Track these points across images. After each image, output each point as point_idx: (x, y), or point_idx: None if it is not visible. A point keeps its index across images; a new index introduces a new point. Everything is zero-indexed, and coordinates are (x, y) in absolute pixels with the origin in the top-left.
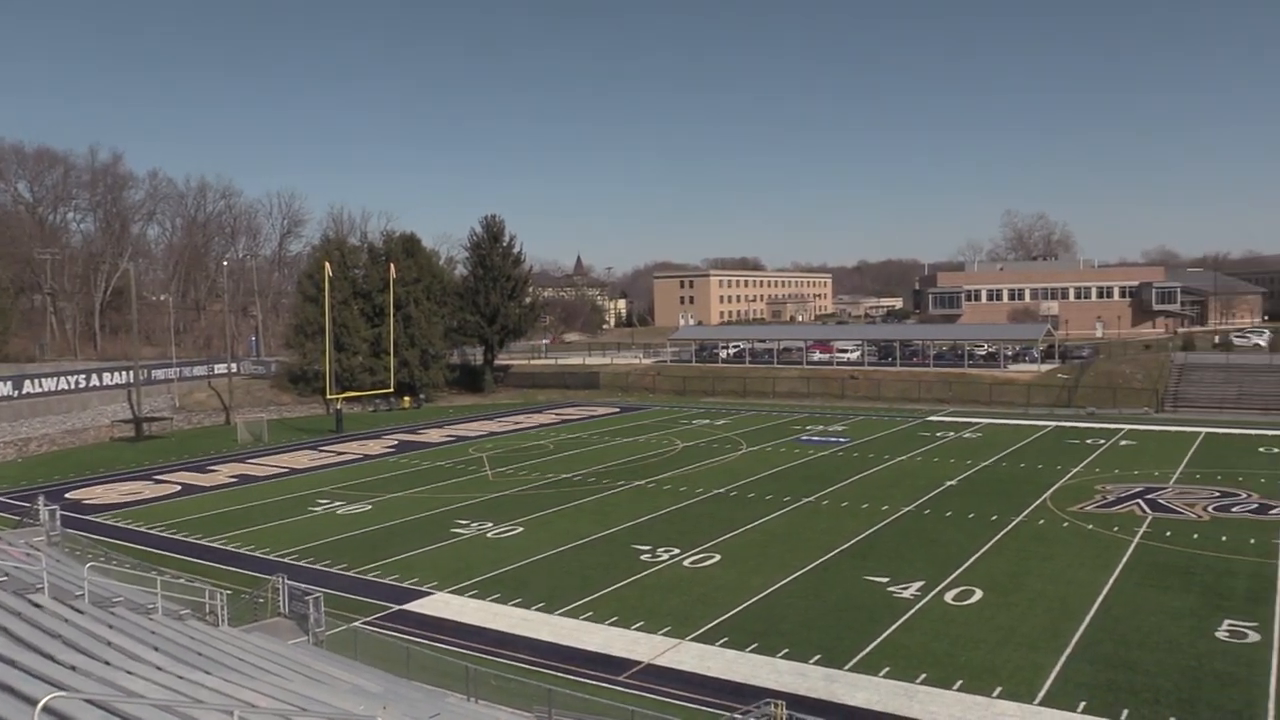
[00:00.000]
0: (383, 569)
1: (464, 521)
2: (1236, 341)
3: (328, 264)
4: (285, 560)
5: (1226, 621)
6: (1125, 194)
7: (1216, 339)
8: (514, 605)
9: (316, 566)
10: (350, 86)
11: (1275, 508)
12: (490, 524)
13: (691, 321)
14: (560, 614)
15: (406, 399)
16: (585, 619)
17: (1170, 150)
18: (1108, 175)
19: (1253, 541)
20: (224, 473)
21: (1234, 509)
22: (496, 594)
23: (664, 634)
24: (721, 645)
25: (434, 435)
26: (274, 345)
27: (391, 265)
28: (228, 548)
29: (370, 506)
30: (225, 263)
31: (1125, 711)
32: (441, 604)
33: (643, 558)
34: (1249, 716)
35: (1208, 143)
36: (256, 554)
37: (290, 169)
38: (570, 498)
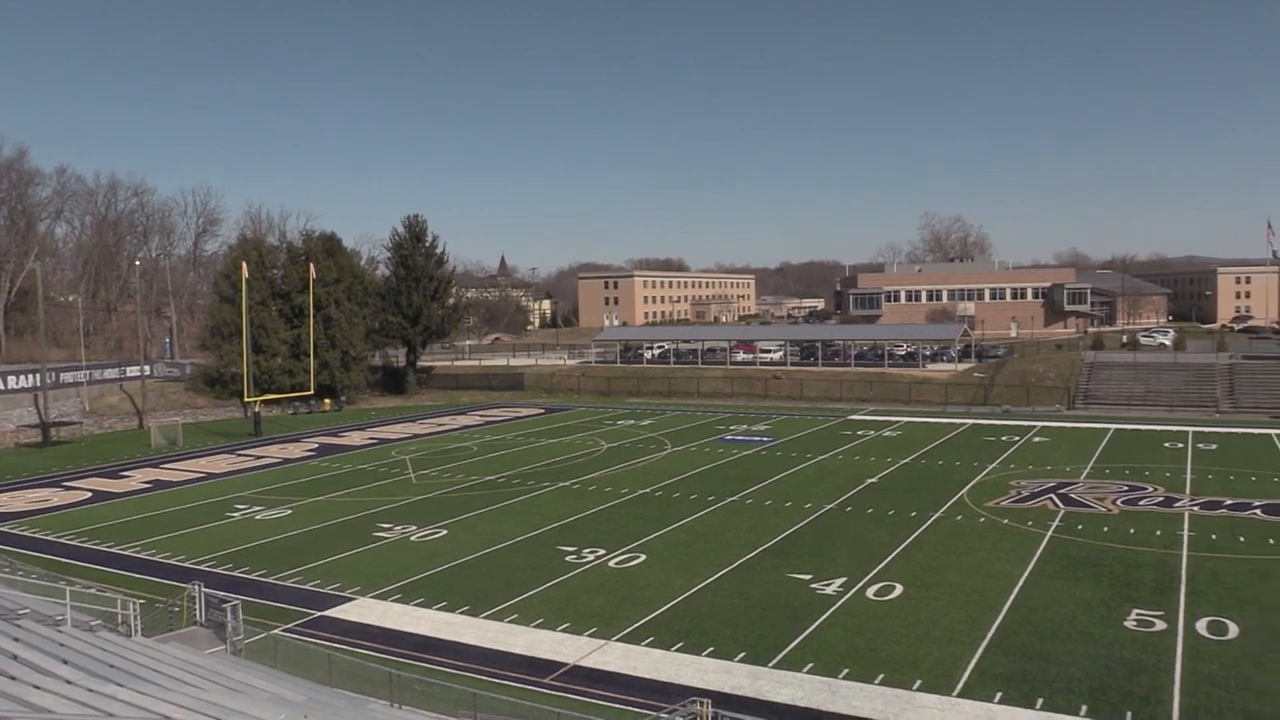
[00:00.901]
0: (304, 575)
1: (387, 525)
2: (1143, 341)
3: (245, 264)
4: (202, 568)
5: (1135, 611)
6: (1038, 197)
7: (1124, 338)
8: (438, 609)
9: (235, 573)
10: (269, 83)
11: (1180, 501)
12: (414, 527)
13: (616, 322)
14: (485, 617)
15: (327, 401)
16: (511, 621)
17: (1080, 155)
18: (1021, 179)
19: (1159, 533)
20: (137, 478)
21: (1141, 502)
22: (420, 598)
23: (590, 635)
24: (647, 645)
25: (355, 438)
26: (189, 347)
27: (311, 265)
28: (141, 555)
29: (290, 511)
30: (137, 262)
31: (1040, 700)
32: (364, 609)
33: (568, 559)
34: (1156, 702)
35: (1116, 148)
36: (172, 562)
37: (206, 167)
38: (495, 499)
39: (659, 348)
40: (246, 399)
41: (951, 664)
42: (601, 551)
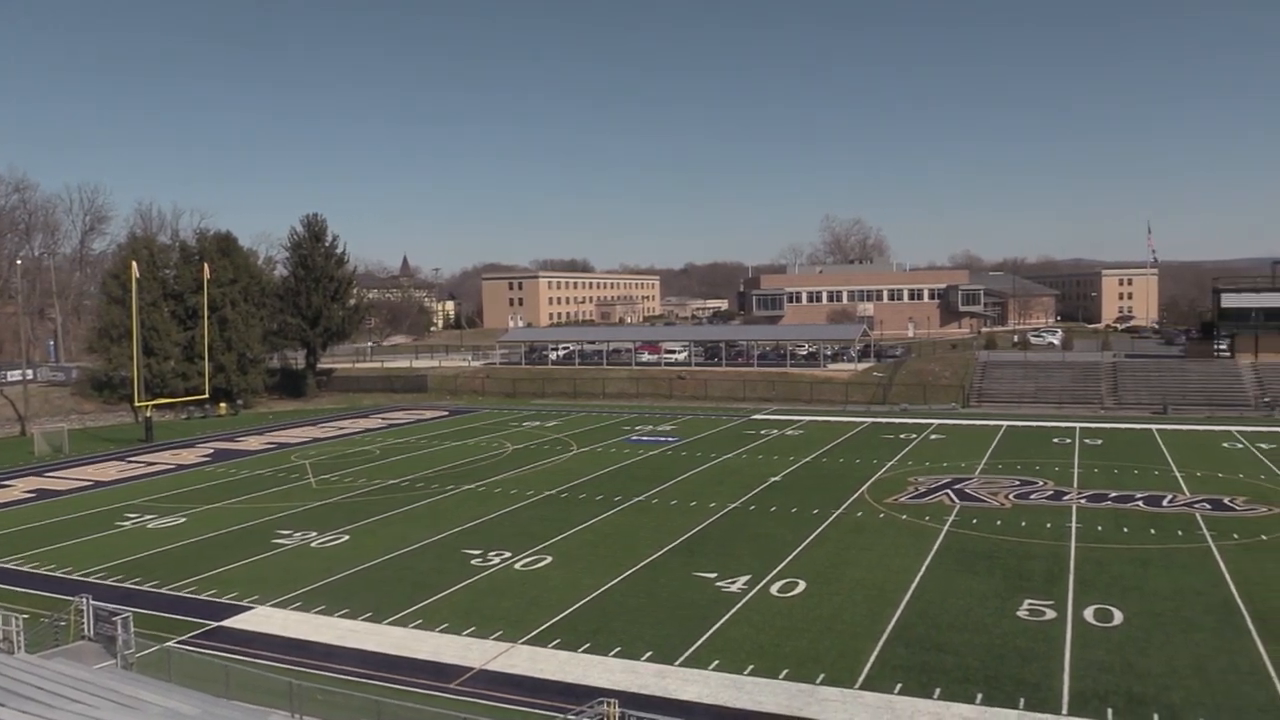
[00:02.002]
0: (199, 584)
1: (286, 532)
2: (1033, 340)
3: (135, 263)
4: (90, 580)
5: (1027, 601)
6: (934, 201)
7: (1015, 338)
8: (340, 616)
9: (125, 585)
10: (162, 79)
11: (1068, 494)
12: (314, 533)
13: (521, 323)
14: (389, 623)
15: (223, 405)
16: (415, 627)
17: (973, 159)
18: (918, 183)
19: (1049, 526)
20: (19, 487)
21: (1032, 496)
22: (321, 605)
23: (496, 638)
24: (554, 647)
25: (253, 443)
26: (75, 350)
27: (206, 265)
28: (25, 568)
29: (184, 519)
30: (19, 261)
31: (937, 690)
32: (263, 618)
33: (474, 562)
34: (1047, 688)
35: (1006, 154)
36: (58, 574)
37: (93, 163)
38: (398, 503)
39: (564, 349)
40: (137, 403)
41: (853, 657)
42: (507, 554)
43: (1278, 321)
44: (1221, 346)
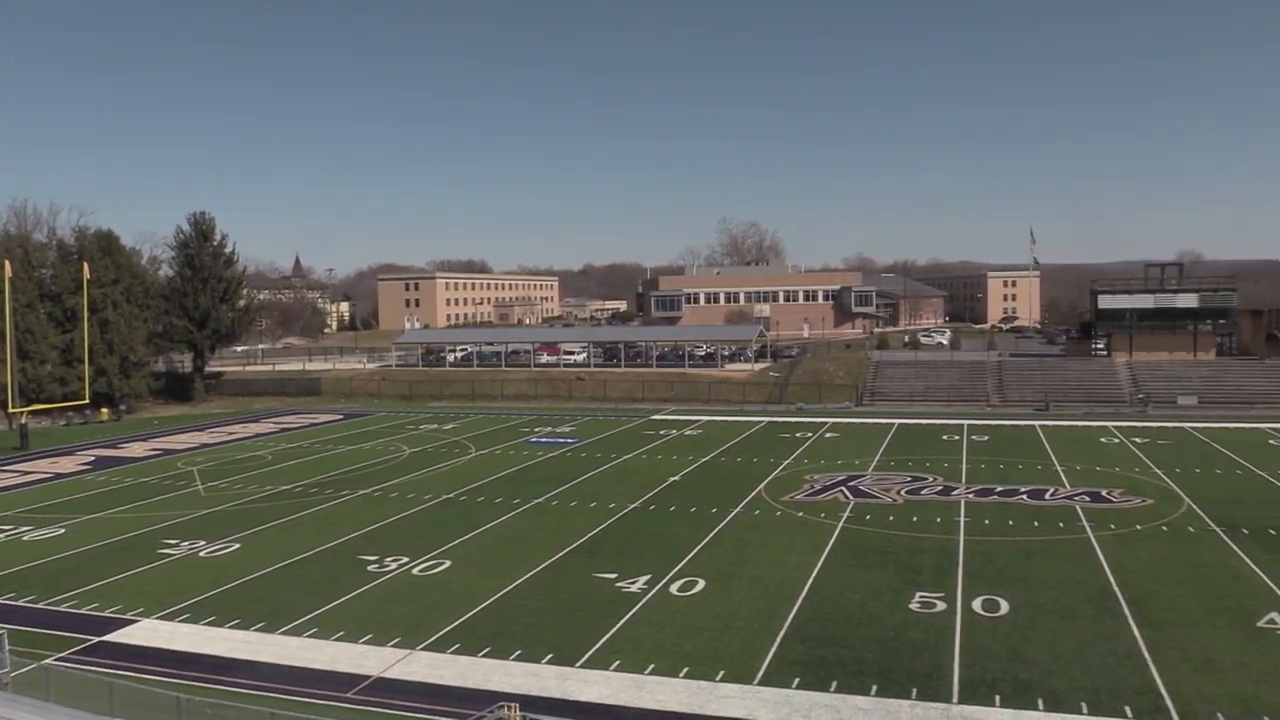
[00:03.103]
0: (79, 598)
1: (173, 541)
2: (923, 340)
3: (8, 262)
4: None
5: (918, 594)
6: (828, 204)
7: (906, 338)
8: (231, 627)
9: None
10: (35, 70)
11: (956, 489)
12: (203, 542)
13: (417, 325)
14: (283, 633)
15: (104, 411)
16: (310, 636)
17: (865, 163)
18: (813, 186)
19: (939, 520)
20: None
21: (923, 492)
22: (212, 616)
23: (394, 645)
24: (454, 652)
25: (137, 449)
26: None
27: (85, 265)
28: None
29: (63, 530)
30: None
31: (834, 683)
32: (149, 632)
33: (370, 568)
34: (938, 678)
35: (897, 158)
36: None
37: None
38: (291, 509)
39: (462, 350)
40: (11, 410)
41: (752, 654)
42: (405, 559)
43: (1150, 322)
44: (1099, 346)
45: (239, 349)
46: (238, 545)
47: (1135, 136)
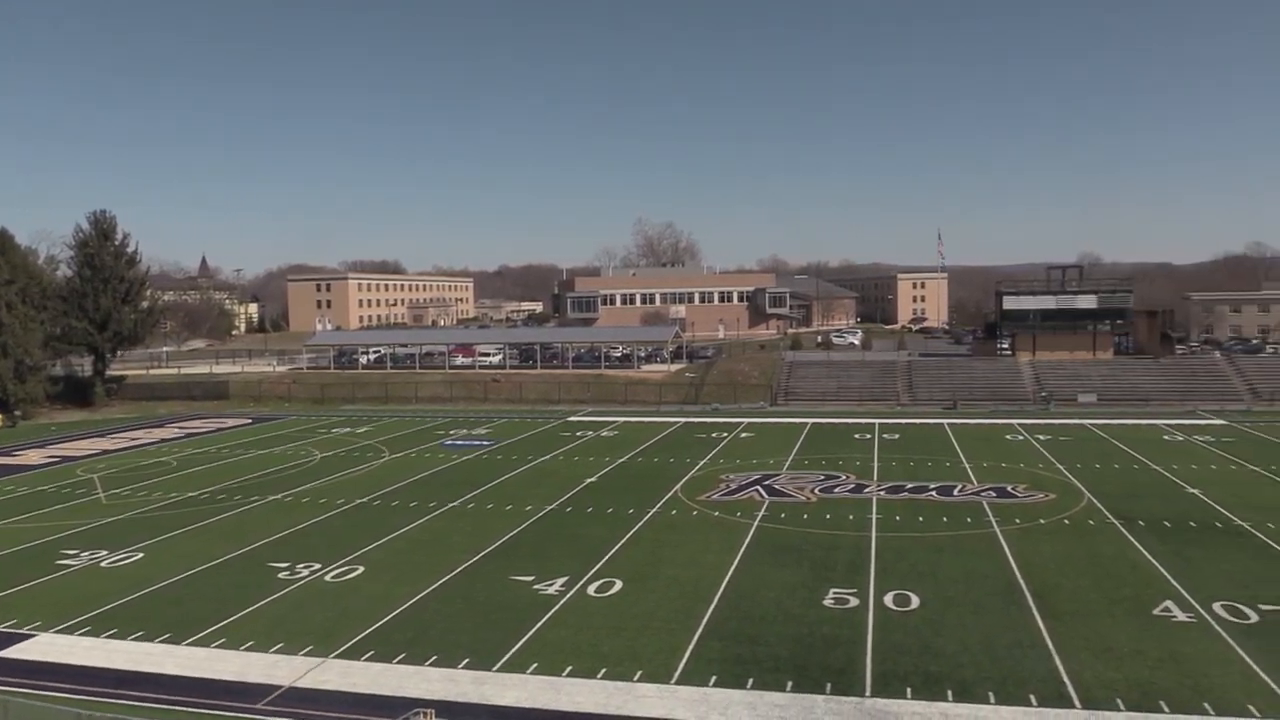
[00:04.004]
0: None
1: (72, 551)
2: (835, 341)
3: None
4: None
5: (832, 590)
6: (743, 205)
7: (819, 339)
8: (135, 640)
9: None
10: None
11: (869, 487)
12: (105, 552)
13: (329, 326)
14: (190, 644)
15: None
16: (218, 646)
17: (778, 164)
18: (727, 187)
19: (851, 518)
20: None
21: (836, 490)
22: (114, 629)
23: (306, 654)
24: (368, 659)
25: (33, 456)
26: None
27: None
28: None
29: None
30: None
31: (751, 680)
32: (48, 646)
33: (281, 575)
34: (851, 672)
35: (809, 159)
36: None
37: None
38: (198, 517)
39: (375, 352)
40: None
41: (669, 653)
42: (317, 566)
43: (1052, 322)
44: (1004, 346)
45: (142, 352)
46: (141, 554)
47: (1037, 140)
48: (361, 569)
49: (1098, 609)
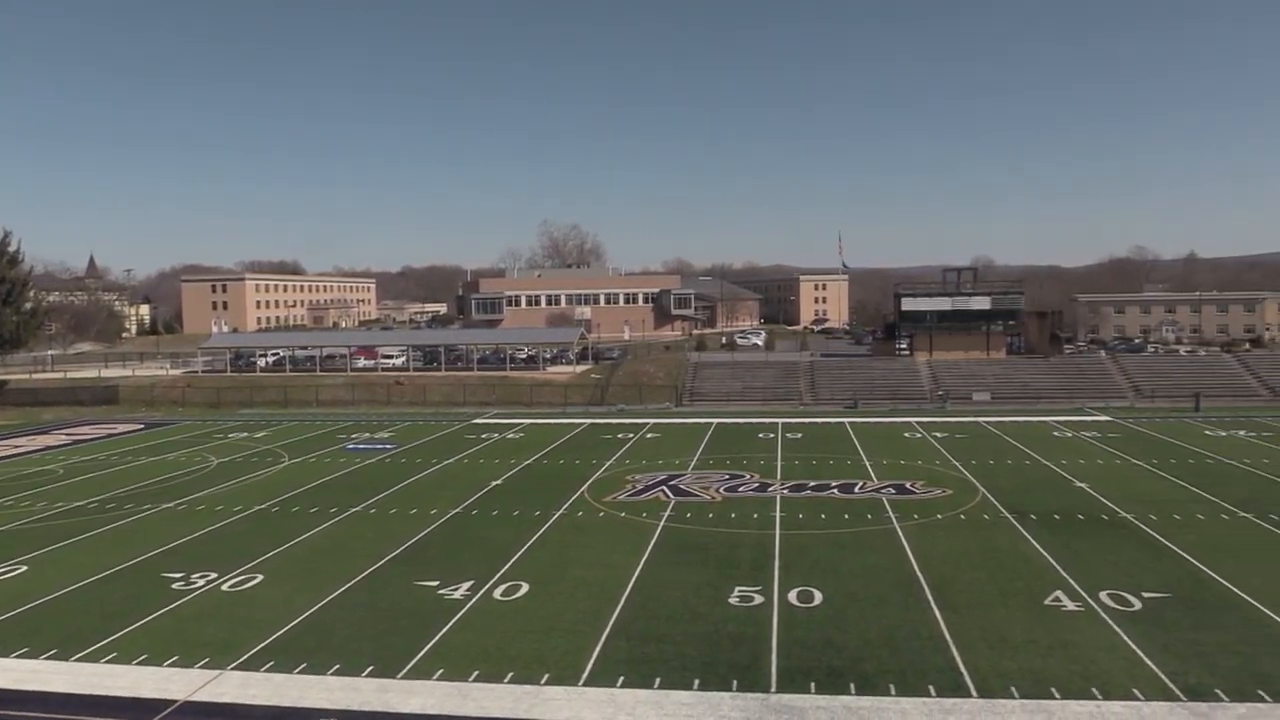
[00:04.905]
0: None
1: None
2: (739, 342)
3: None
4: None
5: (737, 589)
6: (647, 207)
7: (724, 340)
8: (19, 657)
9: None
10: None
11: (772, 486)
12: None
13: (225, 329)
14: (78, 659)
15: None
16: (109, 661)
17: (684, 166)
18: (632, 189)
19: (755, 517)
20: None
21: (740, 489)
22: None
23: (202, 666)
24: (267, 670)
25: None
26: None
27: None
28: None
29: None
30: None
31: (657, 680)
32: None
33: (175, 586)
34: (757, 669)
35: (713, 161)
36: None
37: None
38: (86, 527)
39: (274, 355)
40: None
41: (577, 655)
42: (213, 575)
43: (948, 323)
44: (902, 346)
45: (26, 355)
46: (25, 568)
47: (933, 145)
48: (260, 577)
49: (992, 600)
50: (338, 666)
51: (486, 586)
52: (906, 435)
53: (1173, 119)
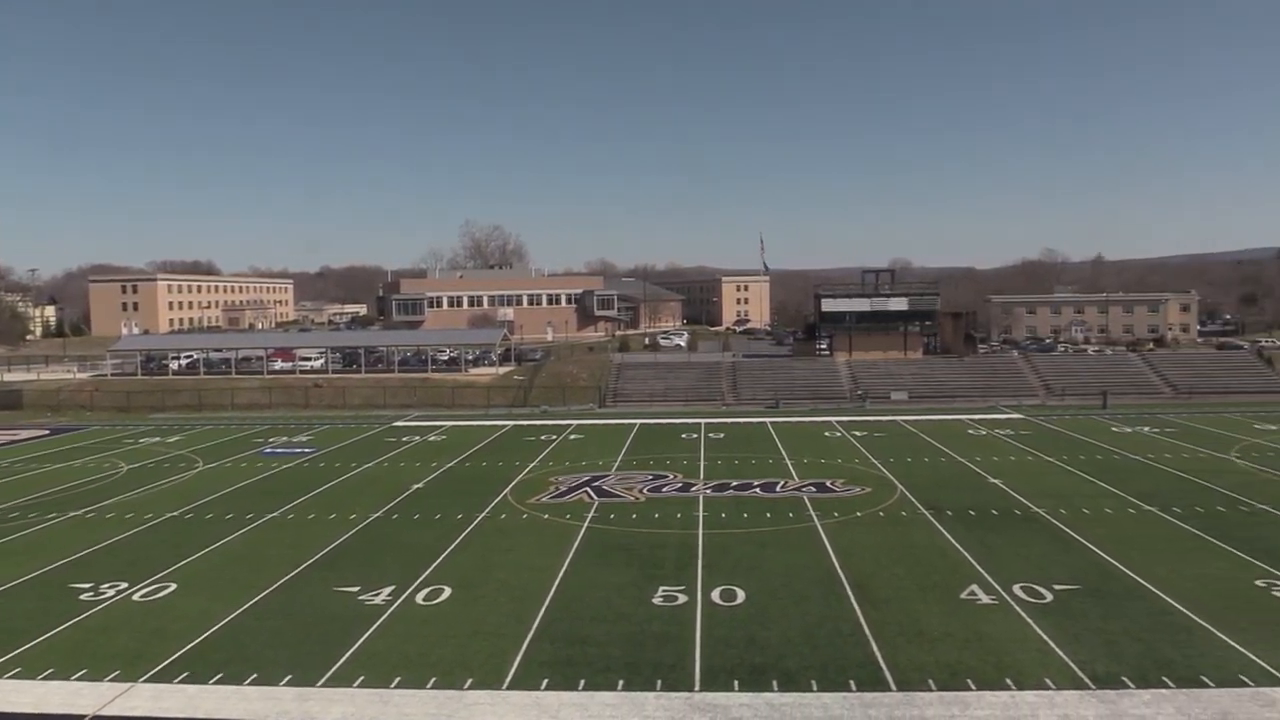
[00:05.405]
0: None
1: None
2: (662, 343)
3: None
4: None
5: (661, 588)
6: (570, 208)
7: (647, 340)
8: None
9: None
10: None
11: (695, 486)
12: None
13: (136, 330)
14: None
15: None
16: (12, 676)
17: (603, 168)
18: (555, 190)
19: (679, 516)
20: None
21: (664, 489)
22: None
23: (112, 679)
24: (181, 681)
25: None
26: None
27: None
28: None
29: None
30: None
31: (582, 681)
32: None
33: (83, 597)
34: (681, 668)
35: (633, 162)
36: None
37: None
38: None
39: (188, 357)
40: None
41: (500, 658)
42: (124, 585)
43: (867, 324)
44: (822, 346)
45: None
46: None
47: (852, 149)
48: (173, 586)
49: (910, 595)
50: (255, 676)
51: (408, 591)
52: (827, 434)
53: (1080, 126)
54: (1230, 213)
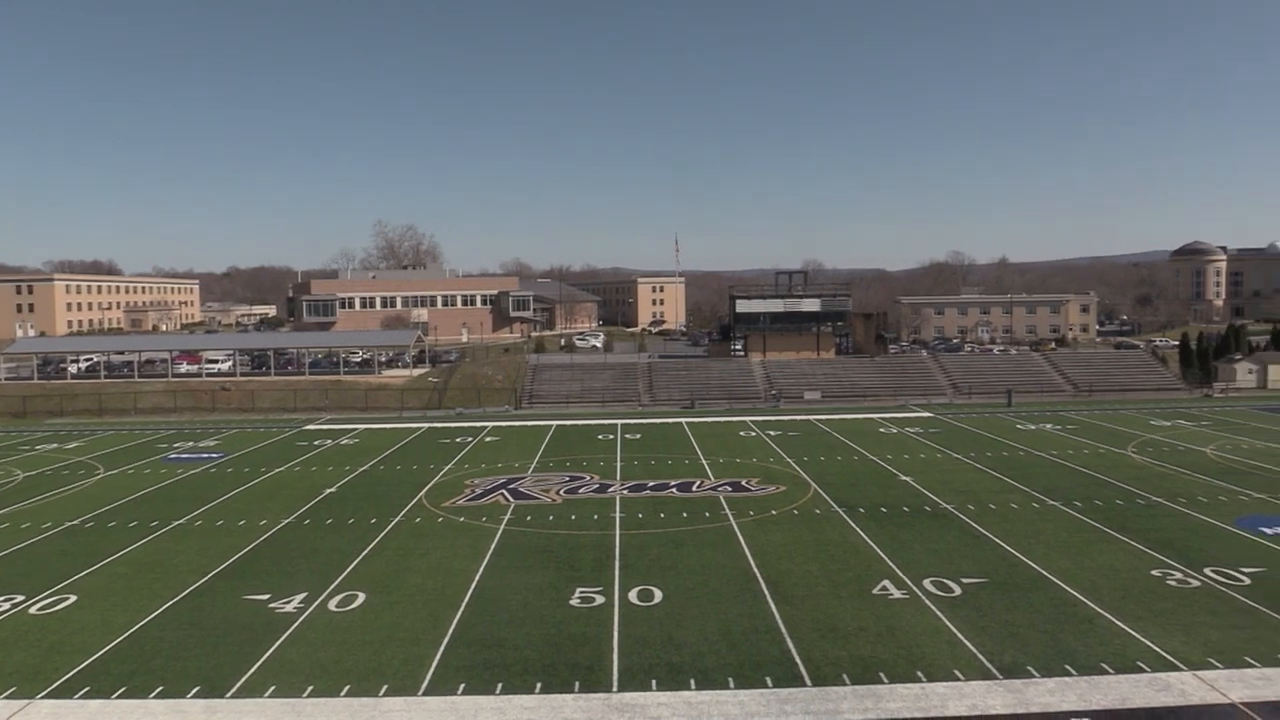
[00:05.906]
0: None
1: None
2: (578, 344)
3: None
4: None
5: (579, 590)
6: (485, 208)
7: (563, 342)
8: None
9: None
10: None
11: (612, 486)
12: None
13: (32, 333)
14: None
15: None
16: None
17: (522, 168)
18: (470, 191)
19: (596, 517)
20: None
21: (580, 490)
22: None
23: (8, 697)
24: (82, 697)
25: None
26: None
27: None
28: None
29: None
30: None
31: (499, 685)
32: None
33: None
34: (599, 669)
35: (549, 163)
36: None
37: None
38: None
39: (87, 360)
40: None
41: (416, 664)
42: (20, 598)
43: (781, 325)
44: (737, 347)
45: None
46: None
47: (766, 153)
48: (73, 598)
49: (824, 591)
50: (161, 689)
51: (321, 598)
52: (742, 434)
53: (983, 133)
54: (1127, 217)
